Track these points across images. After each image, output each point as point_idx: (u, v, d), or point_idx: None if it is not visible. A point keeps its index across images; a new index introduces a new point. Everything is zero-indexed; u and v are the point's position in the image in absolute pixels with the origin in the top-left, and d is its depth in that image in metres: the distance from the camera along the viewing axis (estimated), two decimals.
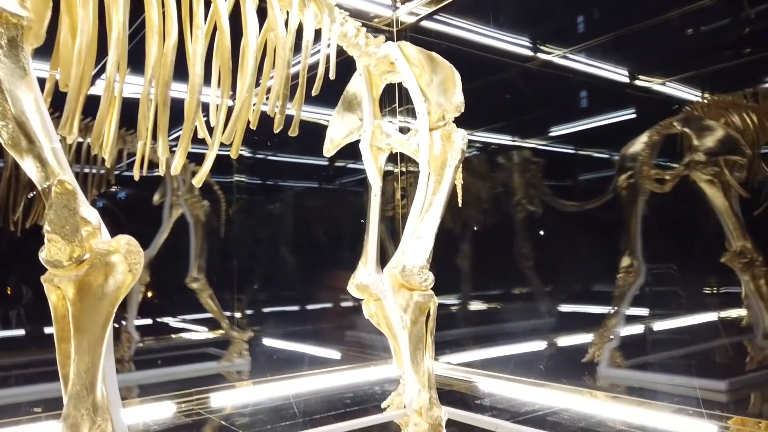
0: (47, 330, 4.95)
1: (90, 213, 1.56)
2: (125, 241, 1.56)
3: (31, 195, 3.82)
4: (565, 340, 4.88)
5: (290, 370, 4.43)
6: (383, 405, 3.05)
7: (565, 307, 5.28)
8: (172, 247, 4.84)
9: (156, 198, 4.58)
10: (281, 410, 3.48)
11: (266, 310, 6.39)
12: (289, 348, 5.62)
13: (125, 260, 1.54)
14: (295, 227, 6.85)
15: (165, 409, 3.44)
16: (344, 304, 6.67)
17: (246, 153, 6.12)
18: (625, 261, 3.97)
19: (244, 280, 6.12)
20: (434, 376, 2.25)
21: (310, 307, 6.53)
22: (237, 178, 6.04)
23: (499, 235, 5.84)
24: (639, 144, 4.09)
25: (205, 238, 4.64)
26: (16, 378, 4.22)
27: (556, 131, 5.58)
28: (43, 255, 1.46)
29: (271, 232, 6.69)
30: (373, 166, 2.90)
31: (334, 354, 5.35)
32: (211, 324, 5.40)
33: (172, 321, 5.61)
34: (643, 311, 4.33)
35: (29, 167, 1.48)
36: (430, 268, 2.33)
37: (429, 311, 2.29)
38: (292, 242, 6.73)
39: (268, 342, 5.57)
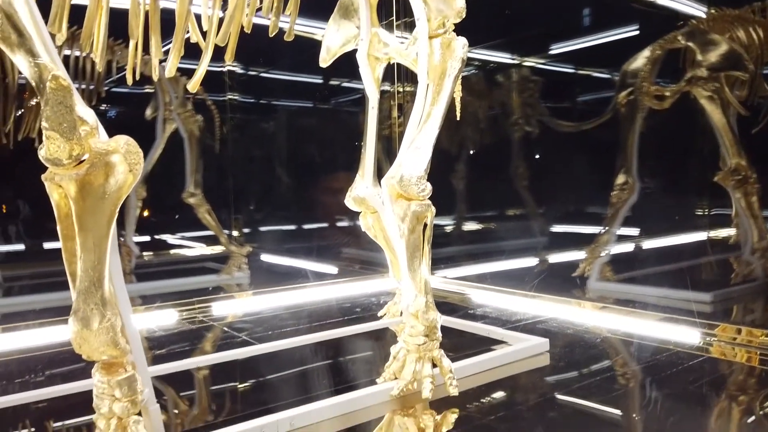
0: (46, 245, 5.03)
1: (86, 112, 1.54)
2: (124, 141, 1.56)
3: (20, 112, 3.74)
4: (556, 257, 5.00)
5: (289, 283, 4.56)
6: (380, 314, 3.16)
7: (557, 227, 5.36)
8: (167, 164, 4.81)
9: (148, 113, 4.50)
10: (281, 318, 3.61)
11: (263, 228, 6.46)
12: (287, 263, 5.75)
13: (125, 160, 1.54)
14: (290, 147, 6.79)
15: (169, 317, 3.57)
16: (340, 223, 6.74)
17: (239, 70, 5.95)
18: (620, 179, 4.00)
19: (241, 199, 6.14)
20: (430, 283, 2.32)
21: (306, 225, 6.60)
22: (230, 96, 5.91)
23: (494, 156, 5.83)
24: (641, 59, 4.01)
25: (200, 154, 4.61)
26: (20, 288, 4.33)
27: (557, 49, 5.43)
28: (42, 153, 1.45)
29: (265, 152, 6.63)
30: (370, 78, 2.84)
31: (331, 269, 5.48)
32: (209, 240, 5.48)
33: (170, 238, 5.68)
34: (634, 230, 4.41)
35: (21, 63, 1.45)
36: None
37: (426, 220, 2.33)
38: (287, 162, 6.69)
39: (266, 258, 5.68)
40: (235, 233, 5.33)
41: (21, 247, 4.98)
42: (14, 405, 2.21)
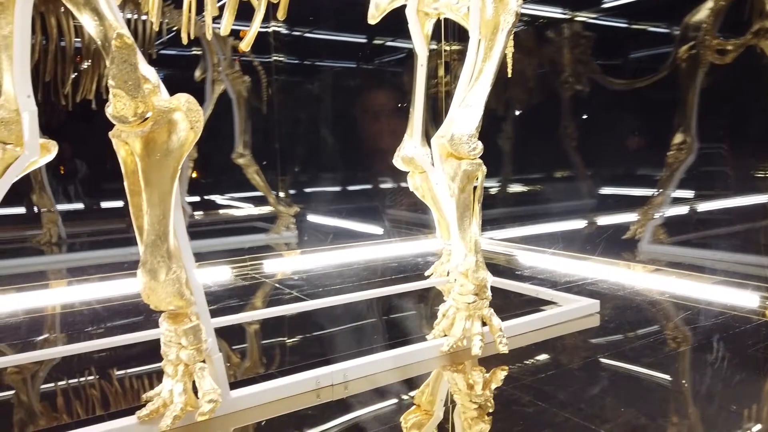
0: (103, 204, 5.24)
1: (149, 71, 1.57)
2: (185, 98, 1.59)
3: (76, 74, 3.85)
4: (605, 220, 4.90)
5: (336, 242, 4.64)
6: (427, 273, 3.19)
7: (607, 189, 5.23)
8: (216, 125, 4.90)
9: (197, 74, 4.57)
10: (329, 276, 3.69)
11: (309, 189, 6.55)
12: (333, 224, 5.83)
13: (186, 117, 1.58)
14: (335, 108, 6.79)
15: (223, 273, 3.70)
16: (383, 184, 6.75)
17: (283, 30, 5.93)
18: (678, 138, 3.84)
19: (287, 160, 6.22)
20: (480, 243, 2.31)
21: (351, 186, 6.65)
22: (275, 58, 5.91)
23: (542, 116, 5.68)
24: (703, 11, 3.79)
25: (249, 115, 4.67)
26: (80, 245, 4.55)
27: (610, 2, 5.19)
28: (109, 110, 1.50)
29: (310, 113, 6.66)
30: (419, 34, 2.79)
31: (376, 229, 5.53)
32: (257, 201, 5.59)
33: (219, 198, 5.82)
34: (689, 192, 4.26)
35: (87, 22, 1.49)
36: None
37: (477, 180, 2.31)
38: (332, 122, 6.70)
39: (312, 218, 5.78)
40: (281, 194, 5.42)
41: (80, 206, 5.22)
42: (80, 353, 2.35)
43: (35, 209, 4.45)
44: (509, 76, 2.77)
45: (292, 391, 1.92)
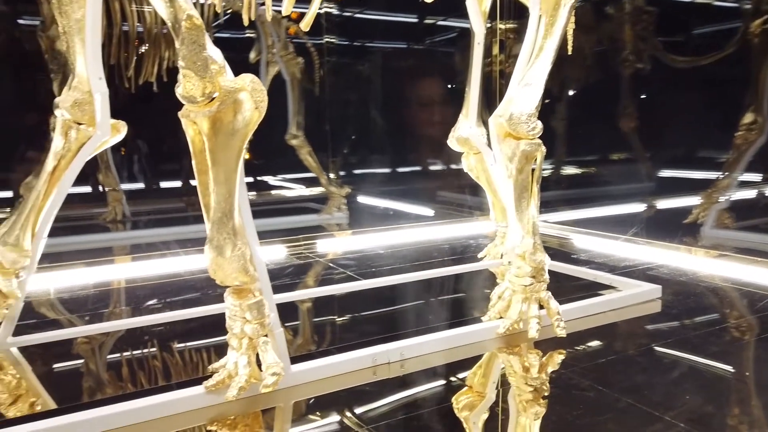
0: (163, 184, 5.43)
1: (215, 52, 1.61)
2: (250, 79, 1.62)
3: (138, 56, 3.97)
4: (665, 203, 4.73)
5: (387, 223, 4.66)
6: (480, 255, 3.17)
7: (666, 172, 5.04)
8: (269, 108, 4.98)
9: (252, 56, 4.63)
10: (382, 257, 3.72)
11: (359, 171, 6.58)
12: (384, 205, 5.86)
13: (251, 97, 1.61)
14: (385, 89, 6.77)
15: (278, 252, 3.79)
16: (433, 166, 6.71)
17: (335, 11, 5.94)
18: (748, 117, 3.64)
19: (338, 142, 6.26)
20: (538, 225, 2.28)
21: (401, 168, 6.65)
22: (327, 39, 5.93)
23: (599, 95, 5.49)
24: None
25: (302, 96, 4.71)
26: (144, 223, 4.74)
27: None
28: (179, 90, 1.55)
29: (361, 94, 6.66)
30: (477, 11, 2.74)
31: (427, 211, 5.52)
32: (308, 182, 5.67)
33: (271, 179, 5.94)
34: (757, 175, 4.05)
35: (158, 4, 1.53)
36: None
37: (536, 160, 2.27)
38: (382, 104, 6.69)
39: (362, 199, 5.82)
40: (332, 175, 5.47)
41: (141, 185, 5.43)
42: (143, 326, 2.46)
43: (101, 188, 4.66)
44: (569, 53, 2.68)
45: (349, 367, 1.96)
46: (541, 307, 2.24)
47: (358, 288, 2.92)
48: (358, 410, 1.78)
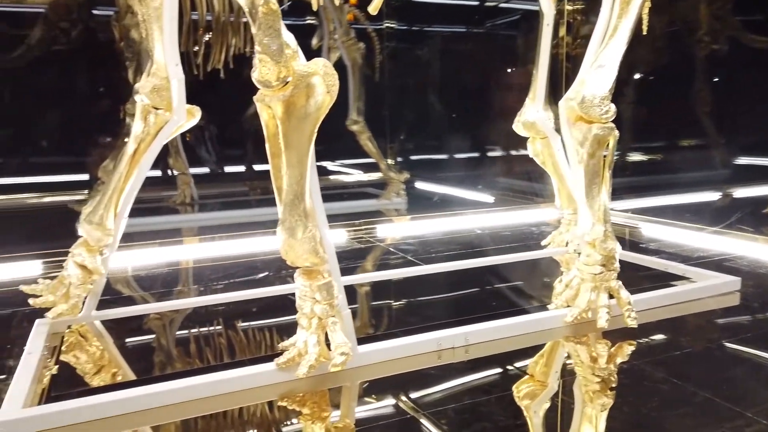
0: (228, 168, 5.59)
1: (289, 37, 1.63)
2: (322, 63, 1.64)
3: (209, 39, 4.08)
4: (742, 192, 4.48)
5: (445, 210, 4.63)
6: (543, 242, 3.11)
7: (743, 159, 4.76)
8: None
9: (314, 42, 4.68)
10: (442, 243, 3.71)
11: (416, 156, 6.57)
12: (442, 191, 5.82)
13: (323, 82, 1.63)
14: (443, 73, 6.70)
15: (339, 236, 3.84)
16: (492, 153, 6.61)
17: None
18: None
19: (396, 128, 6.26)
20: (609, 212, 2.21)
21: (459, 154, 6.59)
22: (387, 24, 5.91)
23: (671, 78, 5.24)
24: None
25: (362, 81, 4.73)
26: (210, 205, 4.91)
27: None
28: (255, 75, 1.58)
29: (419, 79, 6.62)
30: None
31: (486, 197, 5.45)
32: (365, 168, 5.70)
33: (330, 165, 6.01)
34: None
35: None
36: None
37: (608, 145, 2.19)
38: (440, 89, 6.63)
39: (420, 185, 5.81)
40: (390, 161, 5.47)
41: (206, 170, 5.61)
42: (210, 305, 2.56)
43: (169, 172, 4.85)
44: (644, 33, 2.57)
45: (414, 350, 1.97)
46: (610, 296, 2.18)
47: (420, 273, 2.92)
48: (422, 393, 1.79)
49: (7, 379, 1.80)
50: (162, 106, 2.04)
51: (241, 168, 5.67)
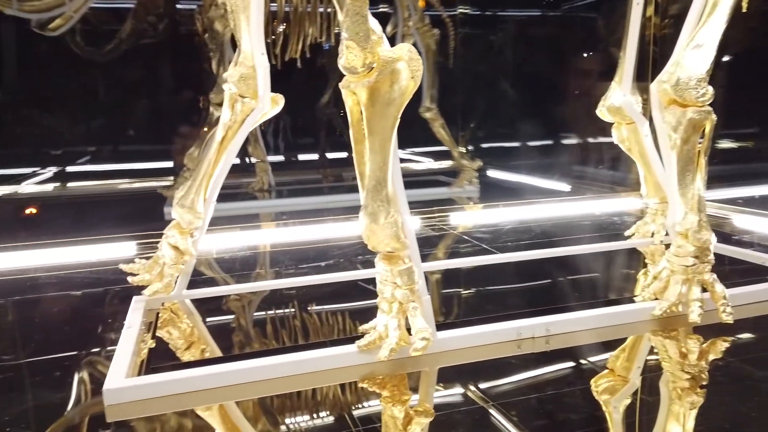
0: (300, 156, 5.72)
1: (374, 22, 1.64)
2: (407, 48, 1.63)
3: (285, 30, 4.17)
4: None
5: (519, 198, 4.54)
6: (627, 233, 2.98)
7: None
8: None
9: (388, 29, 4.68)
10: (518, 231, 3.64)
11: (489, 144, 6.46)
12: (515, 179, 5.70)
13: (408, 67, 1.63)
14: (516, 59, 6.53)
15: (414, 223, 3.84)
16: (567, 140, 6.40)
17: None
18: None
19: (468, 115, 6.17)
20: (704, 200, 2.09)
21: (533, 142, 6.42)
22: (460, 10, 5.82)
23: (764, 60, 4.87)
24: None
25: (436, 68, 4.69)
26: (286, 192, 5.05)
27: None
28: (341, 62, 1.60)
29: (492, 65, 6.49)
30: None
31: (562, 186, 5.28)
32: (435, 156, 5.67)
33: (402, 153, 6.02)
34: None
35: None
36: None
37: (704, 129, 2.07)
38: (515, 75, 6.47)
39: (492, 174, 5.71)
40: (461, 149, 5.40)
41: (281, 158, 5.77)
42: (286, 288, 2.63)
43: (247, 159, 5.02)
44: (744, 11, 2.39)
45: (493, 338, 1.95)
46: (703, 290, 2.07)
47: (497, 261, 2.89)
48: (501, 382, 1.78)
49: (103, 351, 1.94)
50: (248, 95, 2.11)
51: (314, 156, 5.80)
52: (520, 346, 1.95)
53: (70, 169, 5.38)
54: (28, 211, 4.61)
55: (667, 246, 2.15)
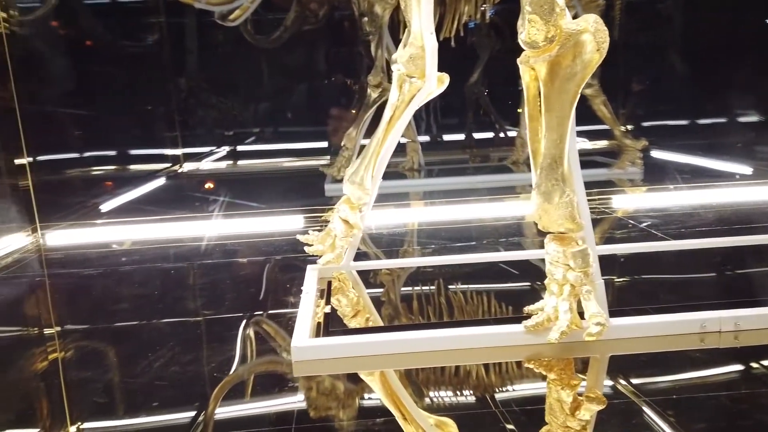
0: (446, 137, 5.72)
1: None
2: (593, 19, 1.56)
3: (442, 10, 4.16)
4: None
5: (688, 181, 4.15)
6: None
7: None
8: None
9: None
10: (689, 216, 3.34)
11: (652, 123, 5.96)
12: (684, 161, 5.19)
13: (594, 39, 1.55)
14: (687, 29, 5.91)
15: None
16: (745, 118, 5.71)
17: None
18: None
19: (630, 91, 5.74)
20: None
21: (702, 120, 5.81)
22: None
23: None
24: None
25: None
26: (435, 172, 5.10)
27: None
28: (522, 36, 1.57)
29: (657, 36, 5.95)
30: None
31: (742, 169, 4.71)
32: (591, 135, 5.34)
33: None
34: None
35: None
36: None
37: None
38: (683, 47, 5.87)
39: (657, 154, 5.26)
40: (621, 128, 5.03)
41: (426, 138, 5.82)
42: (434, 265, 2.67)
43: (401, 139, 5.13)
44: None
45: (673, 329, 1.82)
46: None
47: (672, 248, 2.67)
48: (681, 377, 1.66)
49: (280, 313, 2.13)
50: (416, 75, 2.14)
51: (461, 136, 5.78)
52: (704, 340, 1.80)
53: (240, 148, 5.94)
54: (207, 186, 5.18)
55: None
